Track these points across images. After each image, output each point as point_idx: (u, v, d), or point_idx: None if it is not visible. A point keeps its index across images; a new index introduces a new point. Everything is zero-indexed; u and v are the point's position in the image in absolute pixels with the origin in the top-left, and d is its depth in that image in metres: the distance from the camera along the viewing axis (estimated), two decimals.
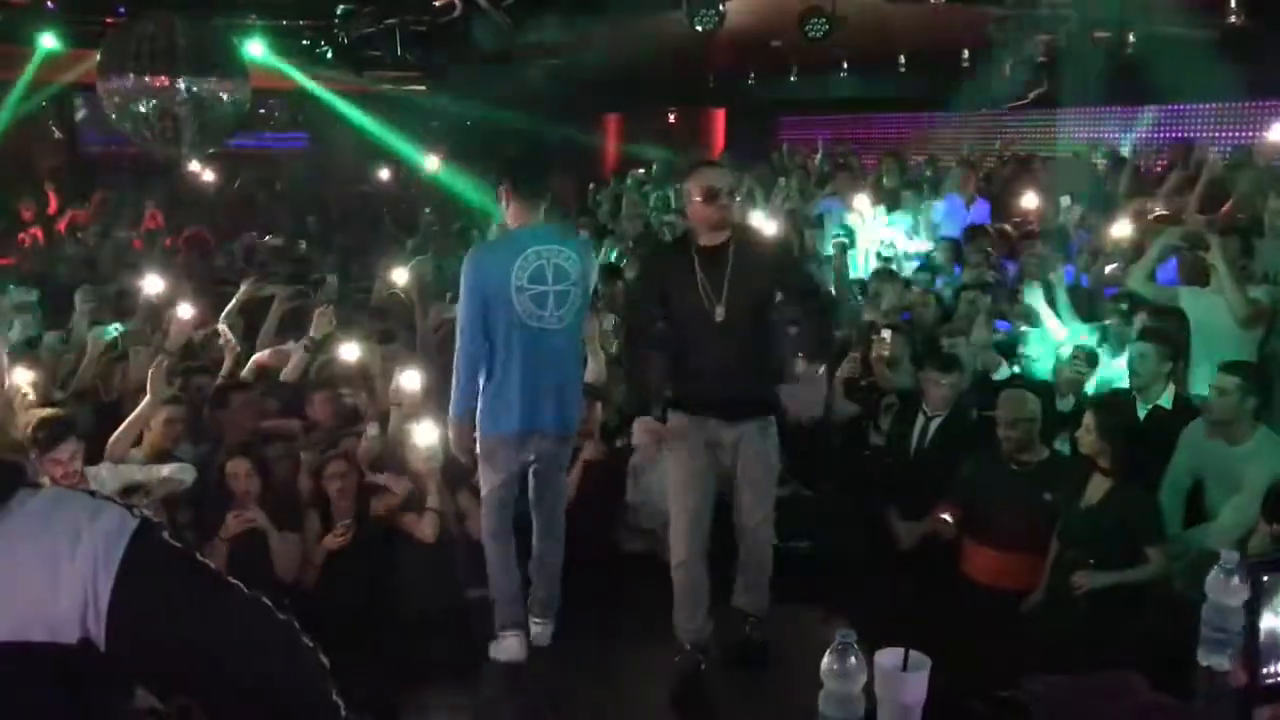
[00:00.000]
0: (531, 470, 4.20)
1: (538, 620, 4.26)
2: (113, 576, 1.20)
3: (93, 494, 1.29)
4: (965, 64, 9.01)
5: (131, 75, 7.09)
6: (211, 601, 1.25)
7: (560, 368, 4.09)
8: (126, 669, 1.26)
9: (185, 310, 5.34)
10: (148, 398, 4.49)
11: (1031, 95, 7.71)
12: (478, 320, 3.97)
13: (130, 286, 6.85)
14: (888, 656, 1.71)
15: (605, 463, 5.07)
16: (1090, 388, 5.12)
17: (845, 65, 10.68)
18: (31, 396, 4.52)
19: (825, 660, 1.65)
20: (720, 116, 14.89)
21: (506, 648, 4.16)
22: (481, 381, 4.05)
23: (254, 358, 5.65)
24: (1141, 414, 4.67)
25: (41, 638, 1.18)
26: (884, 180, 8.95)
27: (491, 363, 4.02)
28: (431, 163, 12.61)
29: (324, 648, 1.29)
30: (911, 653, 1.70)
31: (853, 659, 1.64)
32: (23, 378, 4.63)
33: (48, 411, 3.99)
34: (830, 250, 7.32)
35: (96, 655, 1.21)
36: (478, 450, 4.15)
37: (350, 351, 5.38)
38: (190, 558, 1.27)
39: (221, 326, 5.70)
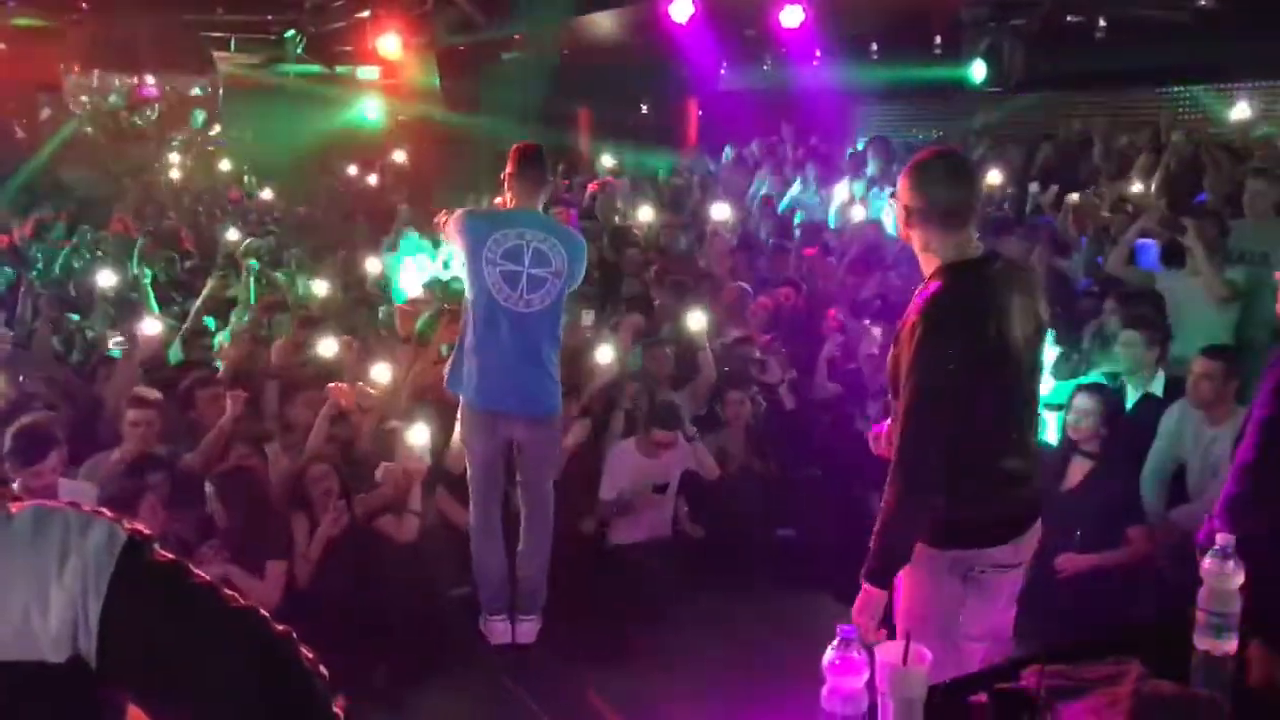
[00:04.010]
0: (517, 457, 4.21)
1: (523, 616, 4.26)
2: (103, 594, 1.17)
3: (78, 507, 1.25)
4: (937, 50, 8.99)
5: (97, 72, 6.95)
6: (204, 616, 1.21)
7: (527, 352, 4.03)
8: (118, 685, 1.23)
9: (152, 325, 5.24)
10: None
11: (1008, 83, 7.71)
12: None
13: (91, 287, 6.74)
14: (888, 651, 1.70)
15: (589, 450, 5.03)
16: None
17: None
18: None
19: (828, 655, 1.64)
20: (693, 107, 14.78)
21: (492, 630, 4.24)
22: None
23: (228, 355, 5.57)
24: (1132, 400, 4.70)
25: (31, 657, 1.16)
26: (869, 168, 8.88)
27: (467, 331, 4.08)
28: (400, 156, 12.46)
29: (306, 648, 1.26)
30: (911, 646, 1.69)
31: (855, 653, 1.63)
32: None
33: (27, 419, 3.82)
34: None
35: (87, 673, 1.18)
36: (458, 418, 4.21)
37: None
38: (182, 570, 1.24)
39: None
